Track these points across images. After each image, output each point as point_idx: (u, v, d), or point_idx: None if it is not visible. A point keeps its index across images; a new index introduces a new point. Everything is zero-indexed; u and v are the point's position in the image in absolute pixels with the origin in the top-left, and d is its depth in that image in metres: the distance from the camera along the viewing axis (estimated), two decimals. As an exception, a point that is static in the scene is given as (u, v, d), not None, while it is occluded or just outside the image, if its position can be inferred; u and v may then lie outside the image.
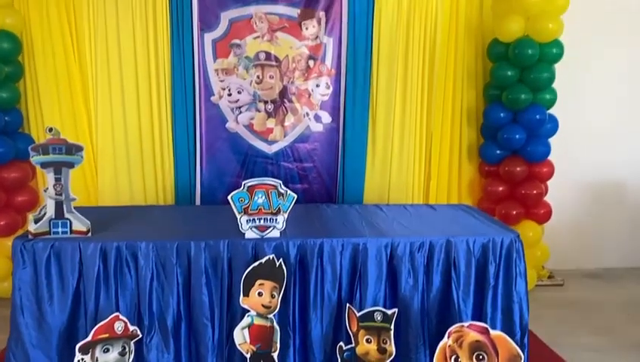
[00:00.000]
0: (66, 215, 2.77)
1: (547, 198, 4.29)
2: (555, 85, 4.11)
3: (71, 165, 2.75)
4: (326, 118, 4.32)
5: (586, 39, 4.41)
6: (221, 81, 4.19)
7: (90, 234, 2.82)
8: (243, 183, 2.80)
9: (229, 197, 2.78)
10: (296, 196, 2.84)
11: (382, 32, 4.25)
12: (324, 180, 4.37)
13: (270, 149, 4.30)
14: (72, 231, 2.79)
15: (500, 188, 4.27)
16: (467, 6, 4.31)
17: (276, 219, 2.83)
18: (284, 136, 4.30)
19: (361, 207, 3.64)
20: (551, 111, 4.15)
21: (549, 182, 4.29)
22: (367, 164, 4.38)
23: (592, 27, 4.45)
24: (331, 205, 3.75)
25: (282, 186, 2.82)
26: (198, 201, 4.26)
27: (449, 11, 4.31)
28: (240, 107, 4.24)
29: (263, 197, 2.80)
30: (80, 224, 2.80)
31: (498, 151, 4.25)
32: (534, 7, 3.91)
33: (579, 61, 4.38)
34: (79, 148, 2.76)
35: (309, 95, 4.28)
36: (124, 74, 4.11)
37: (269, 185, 2.81)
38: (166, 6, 4.05)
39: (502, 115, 4.15)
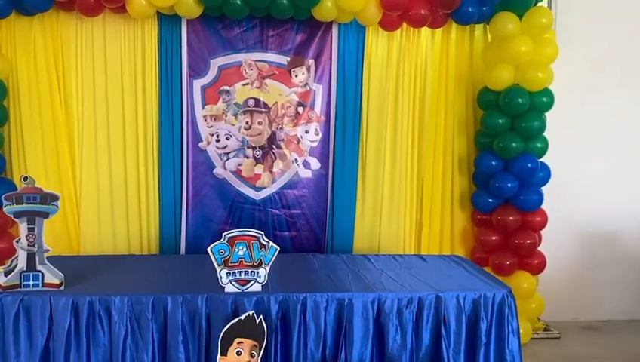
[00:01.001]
0: (38, 267, 2.67)
1: (541, 248, 4.19)
2: (546, 133, 4.07)
3: (45, 215, 2.67)
4: (315, 164, 4.25)
5: (576, 87, 4.41)
6: (209, 127, 4.14)
7: (63, 286, 2.71)
8: (223, 234, 2.70)
9: (208, 249, 2.68)
10: (278, 248, 2.75)
11: (371, 79, 4.23)
12: (313, 227, 4.26)
13: (258, 196, 4.21)
14: (43, 284, 2.68)
15: (493, 238, 4.17)
16: (457, 54, 4.30)
17: (257, 272, 2.72)
18: (273, 183, 4.22)
19: (348, 258, 3.55)
20: (543, 159, 4.09)
21: (542, 232, 4.19)
22: (356, 211, 4.28)
23: (582, 75, 4.46)
24: (318, 255, 3.66)
25: (264, 238, 2.73)
26: (183, 249, 4.14)
27: (439, 59, 4.30)
28: (228, 153, 4.18)
29: (244, 249, 2.70)
30: (53, 276, 2.69)
31: (490, 200, 4.16)
32: (524, 56, 3.89)
33: (570, 109, 4.36)
34: (54, 198, 2.68)
35: (298, 141, 4.22)
36: (111, 120, 4.04)
37: (251, 236, 2.72)
38: (155, 52, 4.03)
39: (493, 163, 4.09)
